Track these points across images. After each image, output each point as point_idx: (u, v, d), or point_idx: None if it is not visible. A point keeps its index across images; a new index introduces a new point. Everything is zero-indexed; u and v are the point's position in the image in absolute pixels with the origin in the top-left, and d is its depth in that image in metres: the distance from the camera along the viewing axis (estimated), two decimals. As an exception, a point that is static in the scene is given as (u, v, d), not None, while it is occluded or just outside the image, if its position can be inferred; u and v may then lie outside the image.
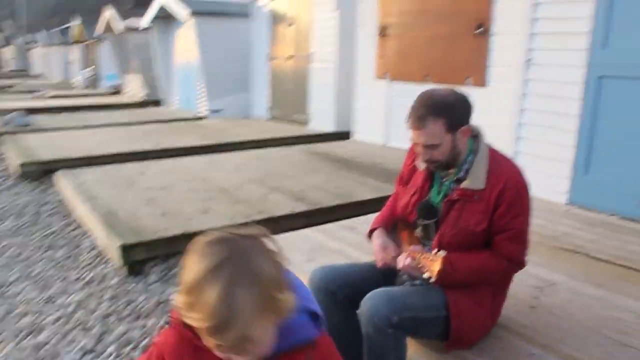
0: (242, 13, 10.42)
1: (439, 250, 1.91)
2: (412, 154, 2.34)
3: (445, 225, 2.09)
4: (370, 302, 1.99)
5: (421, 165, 2.21)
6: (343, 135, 8.23)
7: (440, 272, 1.85)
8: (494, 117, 5.92)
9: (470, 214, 2.05)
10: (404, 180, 2.36)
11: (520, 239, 2.07)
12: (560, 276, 2.96)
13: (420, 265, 1.94)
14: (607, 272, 3.05)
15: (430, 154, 2.05)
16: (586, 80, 4.28)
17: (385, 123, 7.43)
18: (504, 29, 5.73)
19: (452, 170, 2.13)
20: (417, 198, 2.22)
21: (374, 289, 2.23)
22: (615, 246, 3.44)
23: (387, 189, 5.02)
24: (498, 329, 2.30)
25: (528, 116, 4.79)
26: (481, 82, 6.05)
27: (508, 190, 2.01)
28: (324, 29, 8.53)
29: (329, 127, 8.63)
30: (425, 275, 1.90)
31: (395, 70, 7.24)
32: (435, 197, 2.18)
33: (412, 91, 7.79)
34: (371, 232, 2.37)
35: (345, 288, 2.20)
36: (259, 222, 4.07)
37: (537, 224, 3.51)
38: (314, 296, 2.25)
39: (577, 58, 4.32)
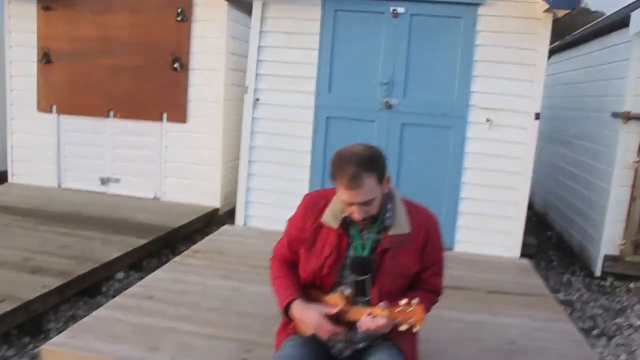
0: None
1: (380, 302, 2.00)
2: (310, 214, 2.23)
3: (382, 275, 2.11)
4: None
5: (335, 224, 2.15)
6: (-4, 178, 6.83)
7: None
8: (197, 152, 5.96)
9: (404, 258, 2.12)
10: (308, 242, 2.23)
11: (442, 271, 2.28)
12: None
13: (397, 320, 1.93)
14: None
15: (366, 210, 2.01)
16: (315, 120, 4.76)
17: (56, 163, 6.54)
18: (204, 64, 5.81)
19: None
20: (334, 258, 2.14)
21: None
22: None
23: (121, 241, 4.53)
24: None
25: (257, 153, 5.01)
26: (181, 118, 5.98)
27: (432, 227, 2.19)
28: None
29: (-34, 169, 7.01)
30: (403, 328, 1.90)
31: (65, 103, 6.43)
32: (359, 251, 2.14)
33: (91, 127, 7.14)
34: (286, 306, 2.18)
35: None
36: (8, 313, 3.13)
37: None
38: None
39: (306, 100, 4.77)
